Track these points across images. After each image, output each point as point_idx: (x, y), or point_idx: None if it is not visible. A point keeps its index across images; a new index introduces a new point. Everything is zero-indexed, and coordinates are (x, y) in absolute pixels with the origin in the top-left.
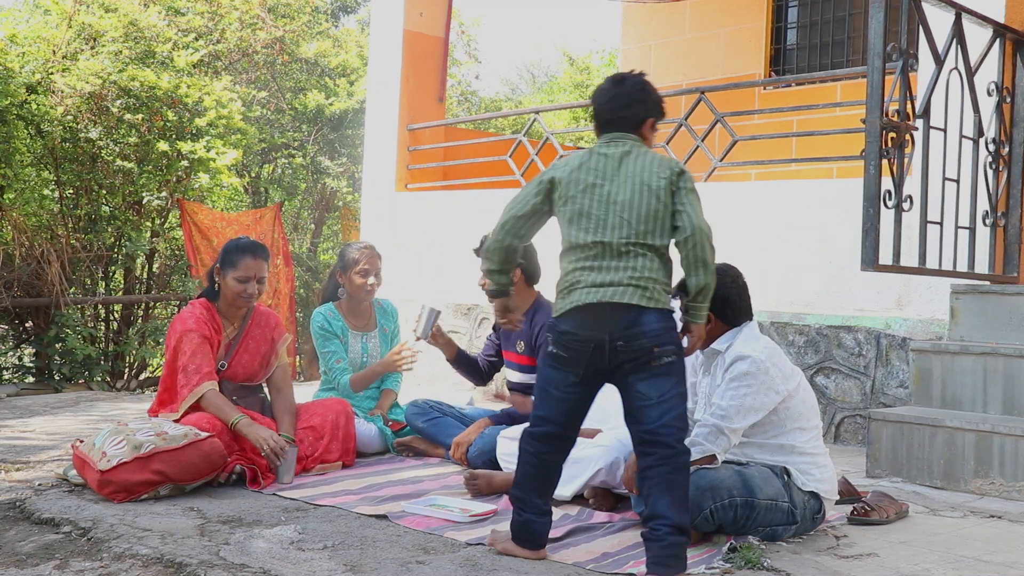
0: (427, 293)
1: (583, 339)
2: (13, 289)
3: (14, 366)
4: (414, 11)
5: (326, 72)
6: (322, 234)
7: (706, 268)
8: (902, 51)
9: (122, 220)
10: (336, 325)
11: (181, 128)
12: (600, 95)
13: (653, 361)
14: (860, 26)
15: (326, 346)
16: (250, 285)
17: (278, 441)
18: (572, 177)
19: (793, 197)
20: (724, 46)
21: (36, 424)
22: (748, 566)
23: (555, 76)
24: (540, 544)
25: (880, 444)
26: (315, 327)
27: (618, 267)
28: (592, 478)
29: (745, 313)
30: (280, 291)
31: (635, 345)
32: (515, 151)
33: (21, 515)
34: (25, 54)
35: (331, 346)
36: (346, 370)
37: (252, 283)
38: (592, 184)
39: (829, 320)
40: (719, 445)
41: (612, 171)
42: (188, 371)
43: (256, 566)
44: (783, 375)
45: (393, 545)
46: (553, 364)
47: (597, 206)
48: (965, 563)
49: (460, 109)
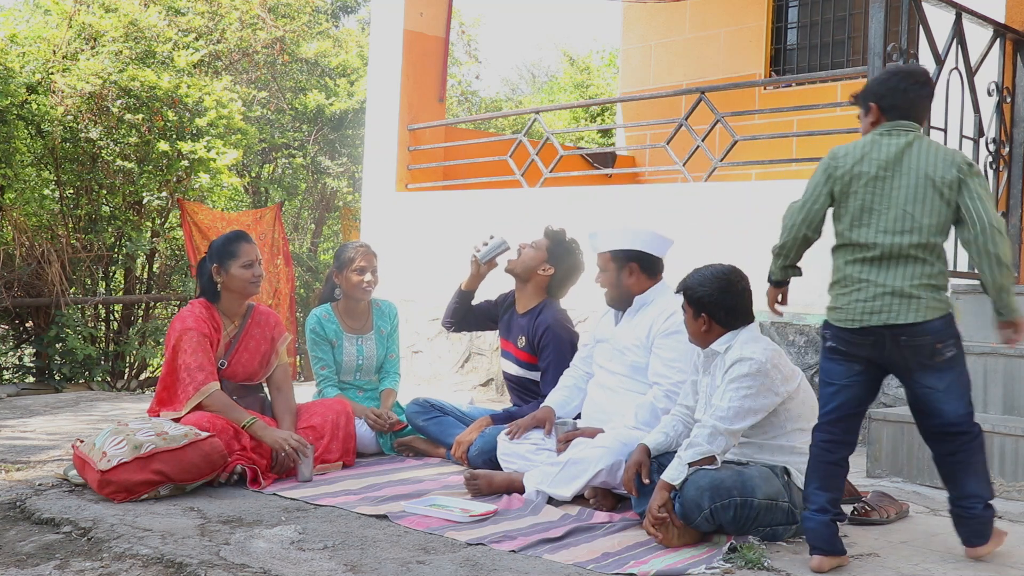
0: (427, 293)
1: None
2: (13, 289)
3: (14, 366)
4: (414, 11)
5: (326, 72)
6: (322, 234)
7: (1000, 265)
8: (902, 51)
9: (122, 220)
10: (330, 329)
11: (181, 128)
12: (888, 80)
13: (936, 357)
14: (860, 26)
15: (314, 351)
16: (256, 268)
17: (299, 440)
18: (855, 171)
19: (793, 197)
20: (724, 46)
21: (36, 424)
22: (748, 566)
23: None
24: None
25: (881, 444)
26: (307, 330)
27: (899, 273)
28: (593, 478)
29: (743, 317)
30: (280, 291)
31: (917, 342)
32: (515, 151)
33: (21, 515)
34: (25, 54)
35: (319, 351)
36: (330, 378)
37: (256, 265)
38: (874, 178)
39: None
40: (718, 446)
41: (894, 162)
42: (191, 369)
43: (256, 566)
44: (783, 377)
45: (393, 545)
46: (833, 357)
47: (879, 201)
48: (965, 563)
49: (460, 109)
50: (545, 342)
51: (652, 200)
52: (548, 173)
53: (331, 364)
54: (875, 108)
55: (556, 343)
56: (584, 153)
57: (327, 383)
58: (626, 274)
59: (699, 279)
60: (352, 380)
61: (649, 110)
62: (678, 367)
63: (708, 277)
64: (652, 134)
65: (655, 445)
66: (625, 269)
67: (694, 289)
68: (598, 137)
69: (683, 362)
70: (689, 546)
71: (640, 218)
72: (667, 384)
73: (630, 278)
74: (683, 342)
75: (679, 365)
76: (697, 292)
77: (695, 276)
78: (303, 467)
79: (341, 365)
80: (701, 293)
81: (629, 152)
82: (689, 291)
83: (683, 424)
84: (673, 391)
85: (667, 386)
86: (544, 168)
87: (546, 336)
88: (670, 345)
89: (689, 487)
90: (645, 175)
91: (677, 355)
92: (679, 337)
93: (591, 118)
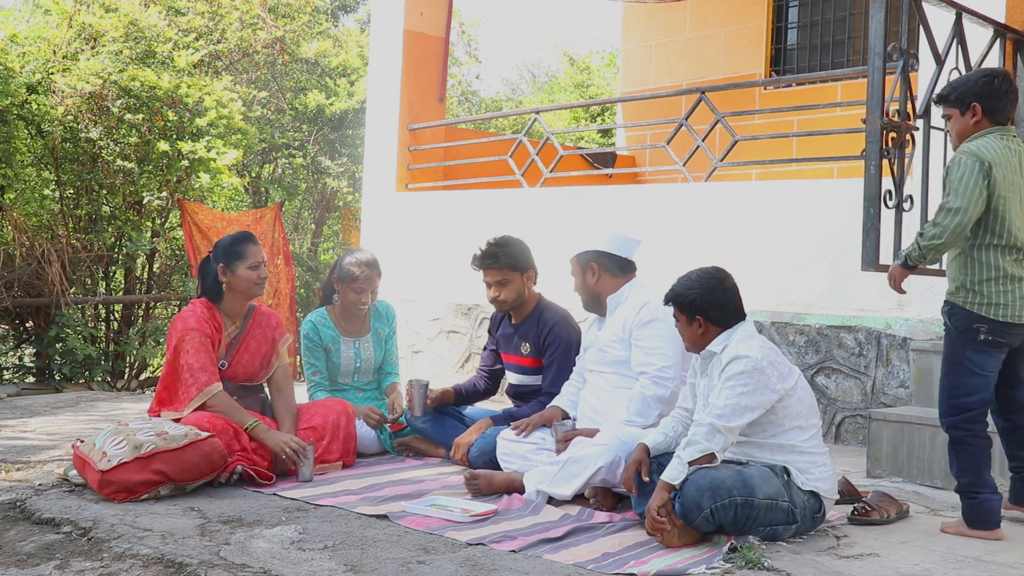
0: (427, 293)
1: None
2: (13, 289)
3: (14, 366)
4: (414, 11)
5: (326, 72)
6: (322, 234)
7: None
8: (903, 51)
9: (122, 220)
10: (326, 334)
11: (181, 128)
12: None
13: None
14: (860, 26)
15: (307, 357)
16: (262, 269)
17: (299, 443)
18: (1000, 176)
19: (793, 197)
20: (725, 46)
21: (36, 424)
22: (749, 566)
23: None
24: (997, 522)
25: (881, 444)
26: (302, 335)
27: None
28: (593, 476)
29: (735, 314)
30: (280, 291)
31: None
32: (515, 151)
33: (21, 515)
34: (25, 54)
35: (312, 358)
36: (321, 384)
37: (262, 267)
38: (1013, 182)
39: (830, 320)
40: (717, 443)
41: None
42: (194, 370)
43: (257, 566)
44: (779, 374)
45: (394, 545)
46: (985, 350)
47: (1020, 205)
48: (965, 563)
49: (460, 109)
50: (552, 339)
51: (652, 200)
52: (548, 173)
53: (323, 370)
54: (979, 108)
55: (562, 340)
56: (584, 153)
57: (318, 389)
58: (589, 275)
59: (686, 284)
60: (351, 382)
61: (649, 110)
62: (661, 353)
63: (695, 280)
64: (652, 134)
65: (654, 445)
66: (588, 271)
67: (684, 294)
68: (598, 137)
69: (665, 348)
70: (689, 546)
71: (640, 218)
72: (653, 371)
73: (593, 278)
74: (662, 329)
75: (662, 351)
76: (687, 296)
77: (681, 283)
78: (303, 467)
79: (339, 368)
80: (692, 296)
81: (629, 152)
82: (679, 297)
83: (682, 425)
84: (660, 376)
85: (653, 373)
86: (544, 168)
87: (552, 333)
88: (648, 334)
89: (689, 487)
90: (645, 175)
91: (657, 342)
92: (656, 325)
93: (591, 118)
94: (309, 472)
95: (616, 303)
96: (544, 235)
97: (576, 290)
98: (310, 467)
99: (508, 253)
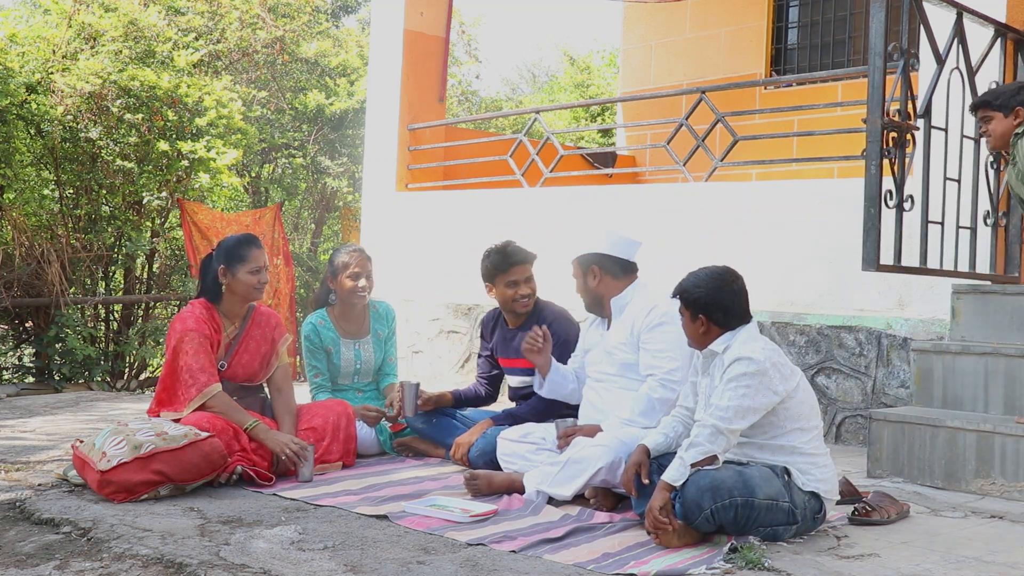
0: (427, 293)
1: None
2: (13, 289)
3: (14, 366)
4: (414, 11)
5: (326, 72)
6: (322, 234)
7: None
8: (903, 51)
9: (122, 220)
10: (326, 336)
11: (181, 128)
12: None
13: None
14: (861, 26)
15: (309, 359)
16: (263, 274)
17: (299, 443)
18: None
19: (794, 197)
20: (725, 46)
21: (36, 424)
22: (749, 566)
23: (556, 76)
24: None
25: (881, 444)
26: (302, 337)
27: None
28: (593, 477)
29: (740, 316)
30: (280, 291)
31: None
32: (516, 151)
33: (21, 515)
34: (25, 54)
35: (313, 360)
36: (323, 386)
37: (264, 271)
38: None
39: (830, 320)
40: (719, 445)
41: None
42: (193, 371)
43: (256, 566)
44: (782, 376)
45: (394, 545)
46: None
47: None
48: (966, 563)
49: (460, 109)
50: (552, 333)
51: (652, 200)
52: (548, 173)
53: (325, 372)
54: (1022, 112)
55: (561, 336)
56: (584, 153)
57: (320, 390)
58: (590, 278)
59: (695, 281)
60: (351, 383)
61: (649, 110)
62: (669, 356)
63: (703, 278)
64: (652, 134)
65: (655, 446)
66: (588, 273)
67: (690, 291)
68: (598, 137)
69: (673, 351)
70: (689, 546)
71: (640, 218)
72: (660, 374)
73: (594, 281)
74: (670, 332)
75: (669, 354)
76: (694, 294)
77: (690, 279)
78: (303, 468)
79: (339, 369)
80: (698, 294)
81: (629, 152)
82: (685, 293)
83: (683, 425)
84: (667, 379)
85: (660, 375)
86: (544, 168)
87: (552, 328)
88: (656, 337)
89: (690, 487)
90: (645, 175)
91: (665, 345)
92: (665, 328)
93: (591, 118)
94: (309, 472)
95: (621, 305)
96: (544, 235)
97: (578, 292)
98: (310, 467)
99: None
